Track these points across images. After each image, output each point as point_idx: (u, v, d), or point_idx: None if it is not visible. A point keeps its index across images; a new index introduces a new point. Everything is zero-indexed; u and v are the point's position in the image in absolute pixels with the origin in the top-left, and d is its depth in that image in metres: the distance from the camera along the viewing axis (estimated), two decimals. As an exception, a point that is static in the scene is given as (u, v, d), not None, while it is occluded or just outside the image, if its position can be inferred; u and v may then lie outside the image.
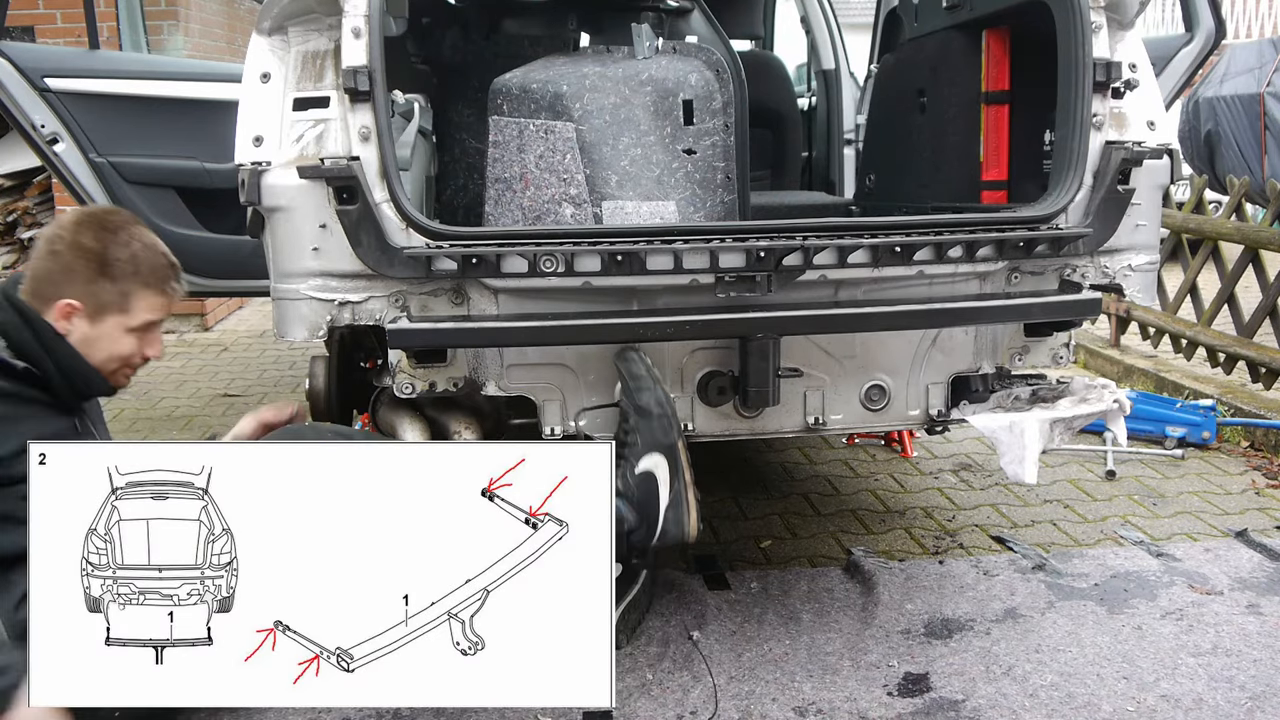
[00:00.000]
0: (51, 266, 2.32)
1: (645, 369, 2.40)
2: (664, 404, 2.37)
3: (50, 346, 2.30)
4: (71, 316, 2.32)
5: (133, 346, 2.39)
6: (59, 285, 2.31)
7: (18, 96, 3.58)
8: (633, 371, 2.40)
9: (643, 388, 2.38)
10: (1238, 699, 2.47)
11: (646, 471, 2.35)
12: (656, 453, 2.36)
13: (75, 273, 2.31)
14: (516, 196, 2.92)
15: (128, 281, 2.34)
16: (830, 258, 2.39)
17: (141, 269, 2.35)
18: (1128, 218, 2.56)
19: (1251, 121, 9.40)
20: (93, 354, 2.35)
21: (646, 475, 2.35)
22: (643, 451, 2.36)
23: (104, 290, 2.33)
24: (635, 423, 2.38)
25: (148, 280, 2.36)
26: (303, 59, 2.39)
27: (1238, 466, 4.17)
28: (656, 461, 2.35)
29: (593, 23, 3.45)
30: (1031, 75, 2.93)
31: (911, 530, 3.53)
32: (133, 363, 2.42)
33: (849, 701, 2.49)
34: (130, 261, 2.34)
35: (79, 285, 2.31)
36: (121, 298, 2.34)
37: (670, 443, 2.36)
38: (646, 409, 2.37)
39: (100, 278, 2.32)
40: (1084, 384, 2.71)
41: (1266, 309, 4.86)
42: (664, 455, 2.36)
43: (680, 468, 2.36)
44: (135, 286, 2.35)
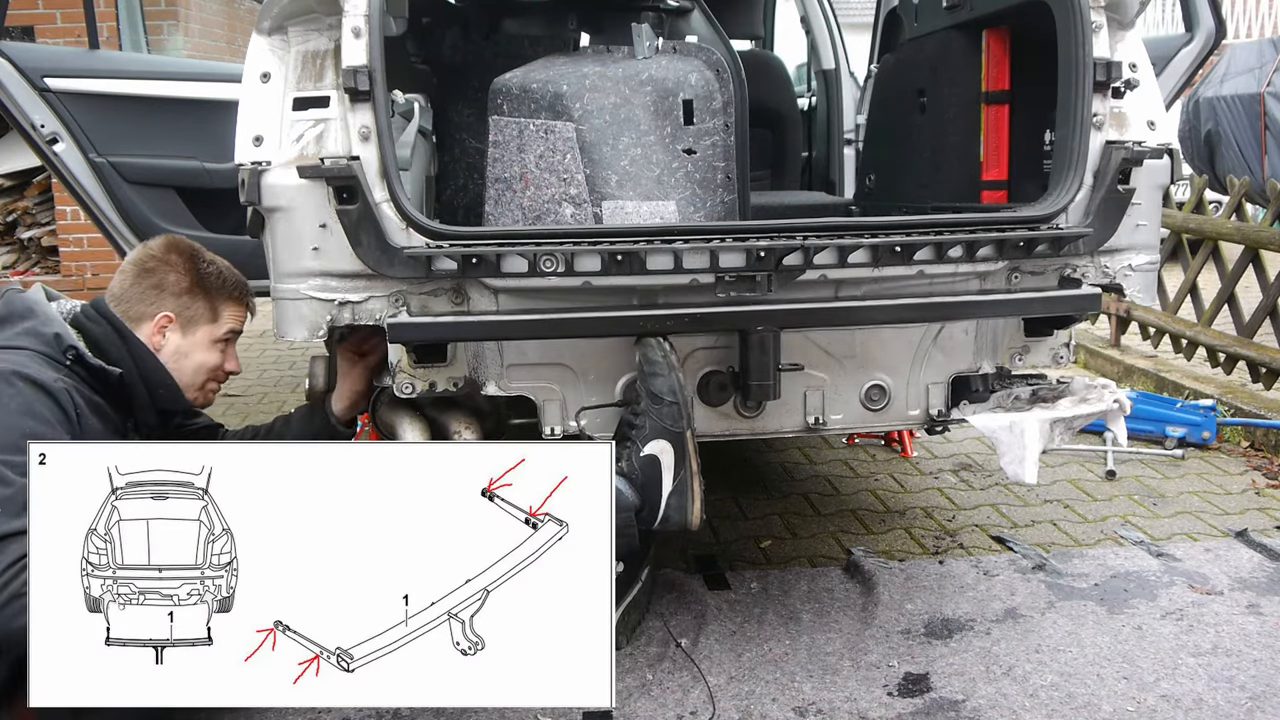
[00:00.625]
0: (143, 284, 2.48)
1: (663, 355, 2.40)
2: (677, 392, 2.38)
3: (141, 360, 2.43)
4: (166, 329, 2.48)
5: (219, 358, 2.56)
6: (152, 301, 2.47)
7: (18, 96, 3.58)
8: (650, 357, 2.40)
9: (658, 373, 2.39)
10: (1238, 699, 2.47)
11: (651, 456, 2.36)
12: (664, 439, 2.37)
13: (168, 287, 2.48)
14: (516, 196, 2.92)
15: (217, 294, 2.53)
16: (830, 258, 2.39)
17: (228, 283, 2.56)
18: (1128, 218, 2.56)
19: (1251, 121, 9.40)
20: (183, 367, 2.50)
21: (651, 460, 2.36)
22: (650, 436, 2.37)
23: (196, 303, 2.51)
24: (646, 406, 2.39)
25: (233, 293, 2.56)
26: (303, 59, 2.39)
27: (1238, 466, 4.17)
28: (663, 448, 2.36)
29: (593, 23, 3.45)
30: (1031, 75, 2.93)
31: (911, 530, 3.53)
32: (218, 376, 2.58)
33: (849, 701, 2.49)
34: (218, 276, 2.54)
35: (172, 299, 2.48)
36: (211, 310, 2.53)
37: (679, 431, 2.38)
38: (659, 395, 2.38)
39: (193, 290, 2.50)
40: (1084, 384, 2.71)
41: (1266, 309, 4.86)
42: (671, 443, 2.37)
43: (687, 456, 2.37)
44: (223, 299, 2.54)
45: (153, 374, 2.45)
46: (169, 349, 2.49)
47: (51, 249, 7.16)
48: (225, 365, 2.59)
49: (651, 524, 2.36)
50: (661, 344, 2.42)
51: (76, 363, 2.33)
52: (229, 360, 2.60)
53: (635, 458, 2.37)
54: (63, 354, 2.31)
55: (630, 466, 2.37)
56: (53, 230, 7.13)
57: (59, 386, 2.24)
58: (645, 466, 2.36)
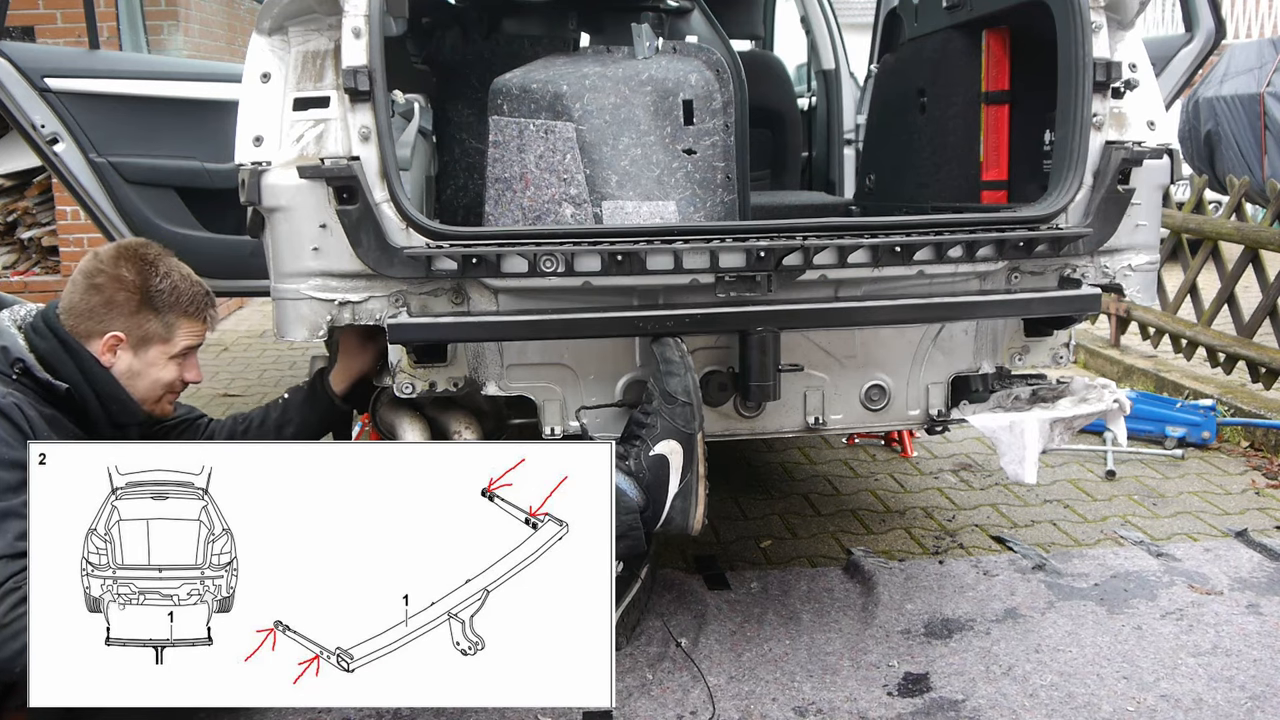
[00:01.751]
0: (92, 300, 2.37)
1: (679, 355, 2.40)
2: (691, 393, 2.38)
3: (92, 376, 2.36)
4: (117, 349, 2.39)
5: (175, 373, 2.47)
6: (101, 319, 2.37)
7: (18, 96, 3.58)
8: (666, 356, 2.40)
9: (673, 373, 2.39)
10: (1238, 699, 2.47)
11: (660, 455, 2.36)
12: (674, 439, 2.37)
13: (118, 305, 2.37)
14: (516, 196, 2.92)
15: (170, 312, 2.42)
16: (830, 258, 2.39)
17: (182, 299, 2.43)
18: (1128, 218, 2.56)
19: (1251, 121, 9.40)
20: (136, 384, 2.42)
21: (659, 459, 2.36)
22: (661, 436, 2.37)
23: (148, 322, 2.40)
24: (659, 406, 2.39)
25: (188, 309, 2.44)
26: (303, 59, 2.39)
27: (1238, 466, 4.17)
28: (672, 448, 2.36)
29: (593, 23, 3.45)
30: (1031, 75, 2.93)
31: (911, 530, 3.53)
32: (175, 389, 2.49)
33: (849, 701, 2.49)
34: (172, 292, 2.41)
35: (123, 318, 2.38)
36: (165, 328, 2.42)
37: (690, 432, 2.38)
38: (673, 395, 2.38)
39: (143, 309, 2.39)
40: (1084, 384, 2.71)
41: (1266, 309, 4.86)
42: (681, 444, 2.37)
43: (695, 459, 2.37)
44: (176, 316, 2.42)
45: (104, 389, 2.38)
46: (121, 367, 2.40)
47: (52, 249, 7.15)
48: (184, 376, 2.49)
49: (654, 525, 2.36)
50: (679, 344, 2.41)
51: (24, 375, 2.29)
52: (188, 371, 2.50)
53: (644, 456, 2.37)
54: (10, 367, 2.28)
55: (638, 465, 2.37)
56: (53, 230, 7.12)
57: (8, 403, 2.20)
58: (653, 466, 2.36)
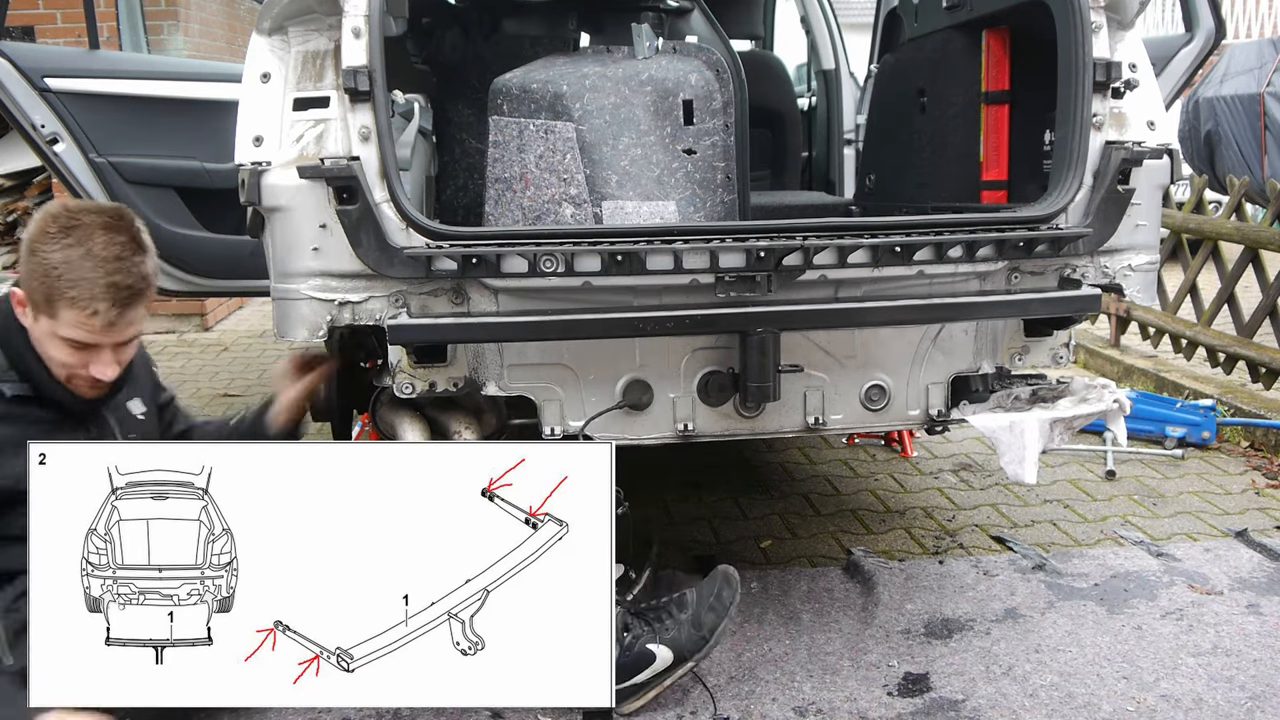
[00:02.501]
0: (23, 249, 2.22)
1: (731, 599, 2.44)
2: (717, 634, 2.42)
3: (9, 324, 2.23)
4: (24, 306, 2.22)
5: (71, 357, 2.20)
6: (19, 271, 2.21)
7: (18, 96, 3.57)
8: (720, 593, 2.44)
9: (717, 610, 2.43)
10: (1238, 699, 2.47)
11: (651, 653, 2.38)
12: (674, 652, 2.39)
13: (24, 262, 2.19)
14: (516, 196, 2.92)
15: (50, 287, 2.15)
16: (830, 258, 2.39)
17: (64, 279, 2.13)
18: (1128, 218, 2.56)
19: (1251, 121, 9.40)
20: (44, 353, 2.22)
21: (647, 655, 2.38)
22: (666, 641, 2.40)
23: (35, 288, 2.17)
24: (682, 619, 2.41)
25: (66, 293, 2.13)
26: (303, 59, 2.39)
27: (1238, 466, 4.16)
28: (665, 656, 2.39)
29: (593, 23, 3.45)
30: (1031, 75, 2.93)
31: (911, 530, 3.53)
32: (79, 374, 2.23)
33: (849, 701, 2.49)
34: (59, 266, 2.13)
35: (26, 278, 2.18)
36: (46, 302, 2.16)
37: (689, 658, 2.41)
38: (702, 626, 2.41)
39: (33, 275, 2.16)
40: (1084, 384, 2.71)
41: (1266, 309, 4.86)
42: (675, 661, 2.40)
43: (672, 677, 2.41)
44: (56, 296, 2.15)
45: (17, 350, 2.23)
46: (32, 325, 2.22)
47: (52, 249, 7.15)
48: (90, 370, 2.22)
49: None
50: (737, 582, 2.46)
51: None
52: (94, 365, 2.22)
53: (636, 644, 2.38)
54: None
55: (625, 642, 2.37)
56: (53, 230, 7.12)
57: None
58: (639, 656, 2.38)
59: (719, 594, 2.44)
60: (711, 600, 2.43)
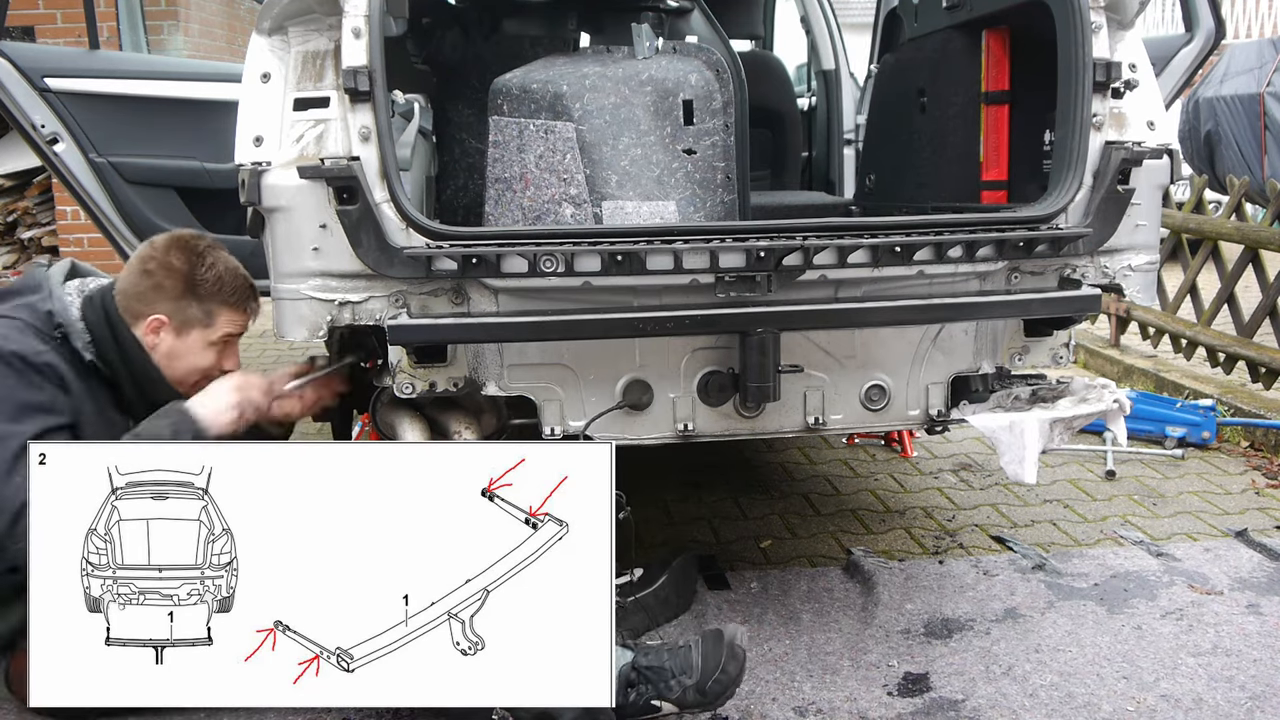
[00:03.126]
0: (142, 284, 2.51)
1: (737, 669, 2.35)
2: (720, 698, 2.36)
3: (127, 351, 2.48)
4: (160, 330, 2.51)
5: (213, 359, 2.57)
6: (149, 301, 2.50)
7: (18, 96, 3.58)
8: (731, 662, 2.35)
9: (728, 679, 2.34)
10: (1238, 699, 2.47)
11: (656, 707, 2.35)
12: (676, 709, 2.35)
13: (164, 290, 2.50)
14: (516, 196, 2.92)
15: (211, 300, 2.53)
16: (830, 258, 2.39)
17: (224, 288, 2.54)
18: (1128, 218, 2.56)
19: (1251, 121, 9.40)
20: (175, 366, 2.53)
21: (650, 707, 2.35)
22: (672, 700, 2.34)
23: (190, 307, 2.51)
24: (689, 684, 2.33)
25: (228, 299, 2.55)
26: (303, 59, 2.39)
27: (1238, 466, 4.17)
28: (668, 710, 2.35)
29: (593, 23, 3.45)
30: (1031, 75, 2.93)
31: (911, 530, 3.53)
32: (211, 375, 2.56)
33: (849, 701, 2.49)
34: (216, 282, 2.53)
35: (168, 302, 2.50)
36: (206, 315, 2.53)
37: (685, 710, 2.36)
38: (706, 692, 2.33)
39: (187, 295, 2.51)
40: (1084, 384, 2.71)
41: (1266, 309, 4.86)
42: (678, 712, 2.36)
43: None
44: (217, 305, 2.54)
45: (137, 366, 2.49)
46: (162, 349, 2.52)
47: (52, 249, 7.16)
48: (222, 365, 2.59)
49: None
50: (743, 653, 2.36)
51: (63, 341, 2.43)
52: (226, 360, 2.61)
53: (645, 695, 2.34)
54: (53, 330, 2.43)
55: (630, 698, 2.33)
56: (53, 230, 7.13)
57: (41, 360, 2.35)
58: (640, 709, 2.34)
59: (724, 668, 2.34)
60: (718, 674, 2.34)
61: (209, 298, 2.53)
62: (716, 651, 2.36)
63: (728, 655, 2.35)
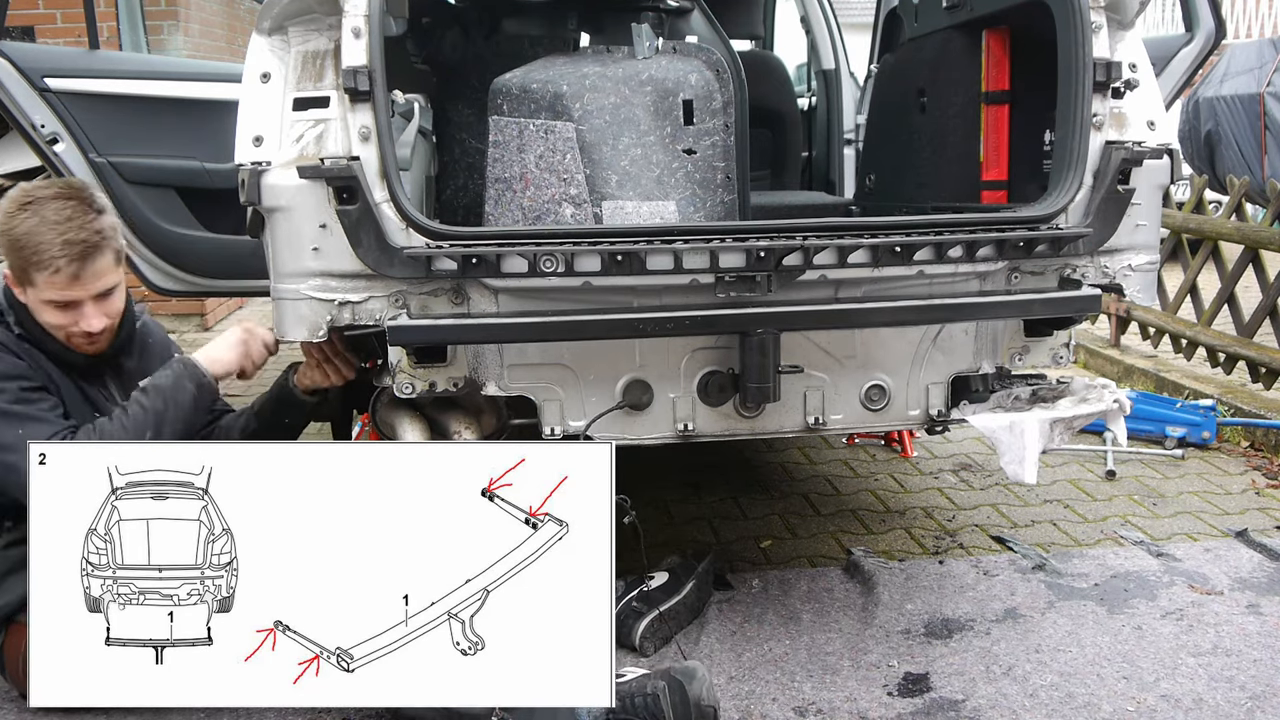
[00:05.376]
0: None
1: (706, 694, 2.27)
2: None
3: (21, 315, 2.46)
4: (16, 286, 2.45)
5: (60, 318, 2.43)
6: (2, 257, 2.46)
7: (18, 96, 3.57)
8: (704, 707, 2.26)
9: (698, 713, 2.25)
10: (1238, 699, 2.47)
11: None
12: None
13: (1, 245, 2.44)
14: (516, 196, 2.92)
15: (22, 258, 2.39)
16: (830, 258, 2.39)
17: (27, 247, 2.37)
18: (1128, 218, 2.56)
19: (1251, 121, 9.40)
20: (41, 320, 2.45)
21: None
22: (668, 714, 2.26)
23: (13, 264, 2.41)
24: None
25: (31, 258, 2.37)
26: (303, 59, 2.39)
27: (1238, 466, 4.17)
28: None
29: (593, 23, 3.45)
30: (1031, 75, 2.93)
31: (911, 530, 3.53)
32: (73, 332, 2.45)
33: (849, 701, 2.49)
34: (22, 237, 2.37)
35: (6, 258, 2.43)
36: (23, 273, 2.40)
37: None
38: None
39: (8, 252, 2.41)
40: (1084, 384, 2.71)
41: (1266, 309, 4.86)
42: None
43: None
44: (28, 264, 2.38)
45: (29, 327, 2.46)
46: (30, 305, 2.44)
47: (51, 249, 7.15)
48: (80, 325, 2.44)
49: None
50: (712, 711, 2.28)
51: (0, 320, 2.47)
52: (82, 320, 2.44)
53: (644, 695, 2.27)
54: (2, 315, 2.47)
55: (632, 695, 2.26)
56: (53, 230, 7.11)
57: None
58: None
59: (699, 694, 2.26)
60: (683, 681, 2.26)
61: (18, 254, 2.39)
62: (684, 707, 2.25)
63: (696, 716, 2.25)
